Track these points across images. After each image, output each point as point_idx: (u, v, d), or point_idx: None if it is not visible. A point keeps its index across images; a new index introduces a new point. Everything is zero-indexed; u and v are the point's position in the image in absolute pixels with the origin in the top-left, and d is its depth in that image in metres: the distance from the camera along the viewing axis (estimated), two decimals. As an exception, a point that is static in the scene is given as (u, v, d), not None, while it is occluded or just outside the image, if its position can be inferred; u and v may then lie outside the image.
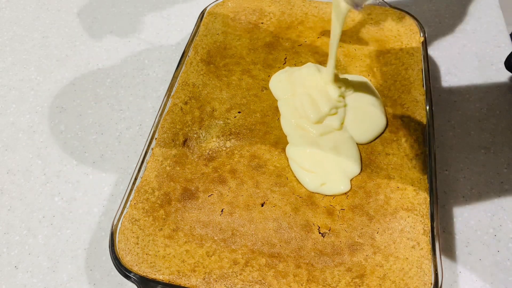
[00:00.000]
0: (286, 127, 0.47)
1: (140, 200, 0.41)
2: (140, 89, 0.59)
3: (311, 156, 0.43)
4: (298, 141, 0.45)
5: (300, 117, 0.47)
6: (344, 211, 0.40)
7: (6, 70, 0.62)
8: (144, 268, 0.38)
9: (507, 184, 0.47)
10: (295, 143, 0.45)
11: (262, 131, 0.46)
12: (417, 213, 0.39)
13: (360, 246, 0.38)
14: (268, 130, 0.47)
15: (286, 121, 0.47)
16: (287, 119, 0.47)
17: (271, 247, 0.39)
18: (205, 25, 0.57)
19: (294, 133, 0.46)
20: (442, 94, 0.55)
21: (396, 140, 0.45)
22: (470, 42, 0.61)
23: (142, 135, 0.54)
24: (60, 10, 0.71)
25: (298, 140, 0.45)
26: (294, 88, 0.49)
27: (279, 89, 0.50)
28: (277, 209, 0.41)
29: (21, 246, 0.46)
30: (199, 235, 0.40)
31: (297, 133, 0.46)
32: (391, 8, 0.56)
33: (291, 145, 0.45)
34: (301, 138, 0.45)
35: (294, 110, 0.47)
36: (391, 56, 0.52)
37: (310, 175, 0.42)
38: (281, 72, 0.51)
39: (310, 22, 0.56)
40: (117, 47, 0.64)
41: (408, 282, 0.36)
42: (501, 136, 0.51)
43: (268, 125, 0.47)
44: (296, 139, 0.45)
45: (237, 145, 0.45)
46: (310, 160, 0.43)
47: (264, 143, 0.45)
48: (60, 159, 0.52)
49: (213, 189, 0.42)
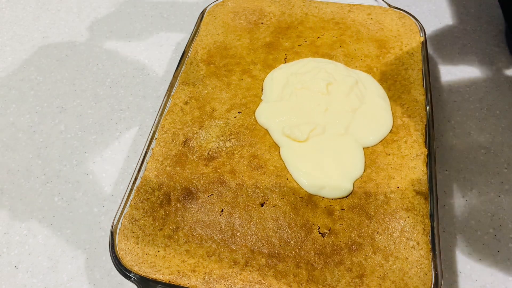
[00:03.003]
0: (275, 135, 0.46)
1: (140, 200, 0.41)
2: (140, 89, 0.59)
3: (309, 159, 0.43)
4: (291, 145, 0.45)
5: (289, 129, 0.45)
6: (344, 211, 0.40)
7: (6, 70, 0.62)
8: (144, 268, 0.38)
9: (507, 184, 0.47)
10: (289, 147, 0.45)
11: (262, 131, 0.46)
12: (417, 213, 0.39)
13: (360, 246, 0.38)
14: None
15: (274, 131, 0.46)
16: (275, 129, 0.46)
17: (271, 247, 0.39)
18: (205, 25, 0.57)
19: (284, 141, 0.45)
20: (442, 94, 0.55)
21: (396, 140, 0.45)
22: (470, 42, 0.61)
23: (142, 135, 0.54)
24: (60, 10, 0.71)
25: (291, 144, 0.45)
26: (288, 89, 0.49)
27: (269, 89, 0.49)
28: (277, 209, 0.41)
29: (21, 246, 0.46)
30: (199, 235, 0.40)
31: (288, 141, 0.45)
32: (391, 8, 0.57)
33: (285, 148, 0.45)
34: (293, 143, 0.45)
35: (281, 118, 0.46)
36: (391, 56, 0.52)
37: (309, 178, 0.42)
38: (274, 71, 0.51)
39: (310, 22, 0.56)
40: (117, 47, 0.64)
41: (408, 282, 0.36)
42: (501, 136, 0.51)
43: (268, 125, 0.47)
44: (288, 144, 0.45)
45: (237, 145, 0.45)
46: (307, 163, 0.43)
47: (264, 143, 0.45)
48: (60, 159, 0.52)
49: (213, 189, 0.42)
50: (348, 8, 0.57)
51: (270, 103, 0.48)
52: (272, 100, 0.48)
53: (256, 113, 0.48)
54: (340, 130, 0.45)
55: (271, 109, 0.47)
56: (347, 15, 0.57)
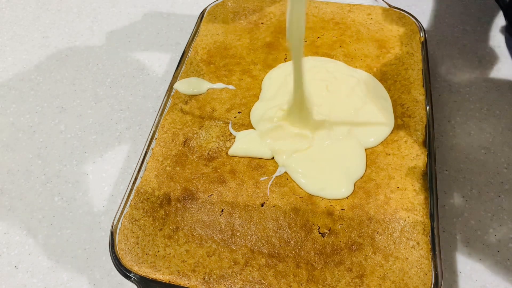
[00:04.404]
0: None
1: (140, 200, 0.41)
2: (140, 89, 0.59)
3: (311, 162, 0.43)
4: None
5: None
6: (344, 211, 0.40)
7: (6, 70, 0.62)
8: (144, 268, 0.38)
9: (507, 184, 0.47)
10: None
11: (262, 131, 0.46)
12: (417, 213, 0.39)
13: (360, 246, 0.38)
14: (268, 130, 0.47)
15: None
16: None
17: (271, 247, 0.39)
18: (205, 25, 0.57)
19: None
20: (442, 94, 0.55)
21: (396, 140, 0.45)
22: (470, 42, 0.61)
23: (142, 135, 0.54)
24: (60, 10, 0.71)
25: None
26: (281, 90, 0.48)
27: (266, 88, 0.49)
28: (277, 209, 0.41)
29: (21, 246, 0.46)
30: (199, 235, 0.40)
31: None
32: (391, 8, 0.57)
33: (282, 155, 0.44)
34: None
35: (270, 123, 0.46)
36: (391, 56, 0.52)
37: (310, 180, 0.42)
38: (273, 70, 0.51)
39: (310, 22, 0.56)
40: (117, 47, 0.64)
41: (408, 282, 0.36)
42: (501, 136, 0.51)
43: (268, 125, 0.47)
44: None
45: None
46: (309, 166, 0.43)
47: (264, 143, 0.45)
48: (60, 159, 0.52)
49: (213, 189, 0.42)
50: (348, 8, 0.57)
51: (263, 102, 0.48)
52: (266, 99, 0.48)
53: (251, 113, 0.47)
54: (344, 131, 0.45)
55: (263, 108, 0.47)
56: (347, 15, 0.57)
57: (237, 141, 0.45)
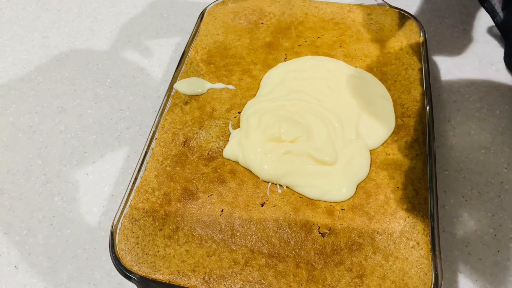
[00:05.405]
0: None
1: (140, 200, 0.41)
2: (140, 89, 0.59)
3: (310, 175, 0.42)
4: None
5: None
6: (344, 211, 0.40)
7: (6, 70, 0.62)
8: (144, 268, 0.38)
9: (507, 184, 0.47)
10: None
11: (262, 131, 0.46)
12: (417, 213, 0.39)
13: (360, 246, 0.38)
14: (268, 130, 0.47)
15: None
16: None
17: (271, 247, 0.39)
18: (205, 25, 0.57)
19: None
20: (442, 94, 0.55)
21: (396, 140, 0.45)
22: (470, 42, 0.61)
23: (142, 135, 0.54)
24: (60, 10, 0.71)
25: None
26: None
27: (263, 87, 0.49)
28: (277, 209, 0.41)
29: (21, 246, 0.46)
30: (199, 235, 0.40)
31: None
32: (391, 8, 0.57)
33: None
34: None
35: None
36: (391, 56, 0.52)
37: (311, 188, 0.41)
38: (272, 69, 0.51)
39: (310, 22, 0.56)
40: (117, 47, 0.64)
41: (408, 282, 0.36)
42: (501, 136, 0.51)
43: (268, 125, 0.47)
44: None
45: (237, 145, 0.45)
46: (308, 178, 0.42)
47: (264, 143, 0.45)
48: (60, 159, 0.52)
49: (213, 189, 0.42)
50: (348, 8, 0.57)
51: (256, 98, 0.48)
52: (261, 96, 0.48)
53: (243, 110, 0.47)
54: (352, 132, 0.44)
55: (255, 106, 0.47)
56: (347, 15, 0.57)
57: (231, 140, 0.44)
